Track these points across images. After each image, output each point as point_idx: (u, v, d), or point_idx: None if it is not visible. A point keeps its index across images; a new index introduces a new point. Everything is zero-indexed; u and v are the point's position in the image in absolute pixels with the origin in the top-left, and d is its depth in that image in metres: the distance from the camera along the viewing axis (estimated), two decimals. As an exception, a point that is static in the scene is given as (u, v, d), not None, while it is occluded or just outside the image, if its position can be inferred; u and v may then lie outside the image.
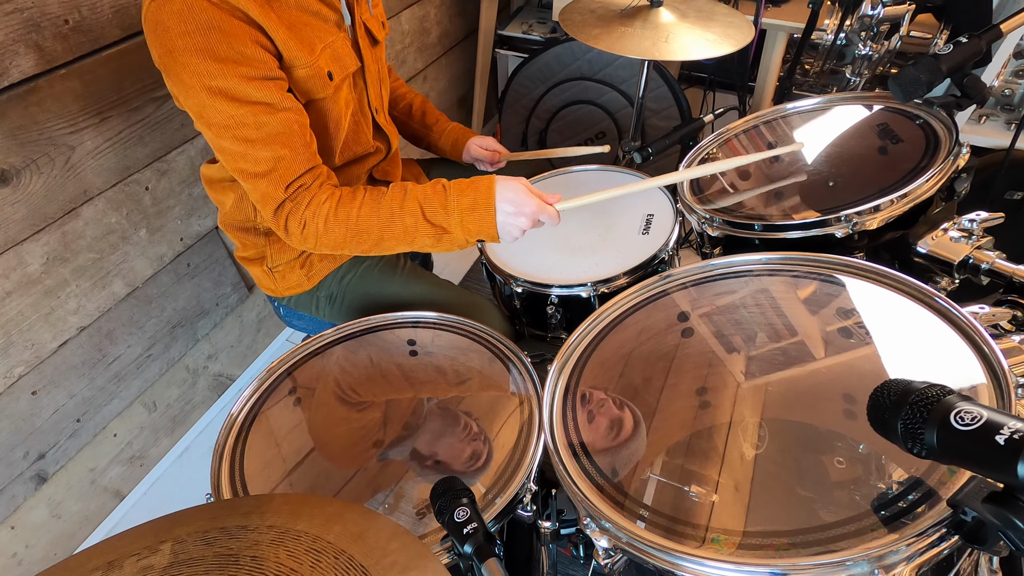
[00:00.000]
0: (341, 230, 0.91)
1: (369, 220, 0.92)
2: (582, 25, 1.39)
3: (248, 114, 0.83)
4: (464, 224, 0.91)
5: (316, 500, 0.55)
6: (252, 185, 0.90)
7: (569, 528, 0.80)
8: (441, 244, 0.94)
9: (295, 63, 0.87)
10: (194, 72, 0.79)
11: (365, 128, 1.07)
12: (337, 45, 0.93)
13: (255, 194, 0.91)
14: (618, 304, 0.89)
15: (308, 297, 1.18)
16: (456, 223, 0.91)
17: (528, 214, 0.91)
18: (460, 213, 0.90)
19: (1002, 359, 0.62)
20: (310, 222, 0.91)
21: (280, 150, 0.86)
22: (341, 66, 0.94)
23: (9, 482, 1.26)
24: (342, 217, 0.91)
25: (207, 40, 0.78)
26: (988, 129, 1.75)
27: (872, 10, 1.58)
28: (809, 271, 0.84)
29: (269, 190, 0.89)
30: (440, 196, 0.91)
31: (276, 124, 0.85)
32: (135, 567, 0.49)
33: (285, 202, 0.90)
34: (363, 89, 1.04)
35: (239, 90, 0.81)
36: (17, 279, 1.15)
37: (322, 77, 0.91)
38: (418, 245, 0.94)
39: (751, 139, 1.21)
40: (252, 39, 0.81)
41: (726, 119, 1.43)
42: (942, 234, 0.91)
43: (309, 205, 0.90)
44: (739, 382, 0.72)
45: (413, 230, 0.92)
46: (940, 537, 0.51)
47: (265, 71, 0.83)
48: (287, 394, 0.92)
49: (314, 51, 0.89)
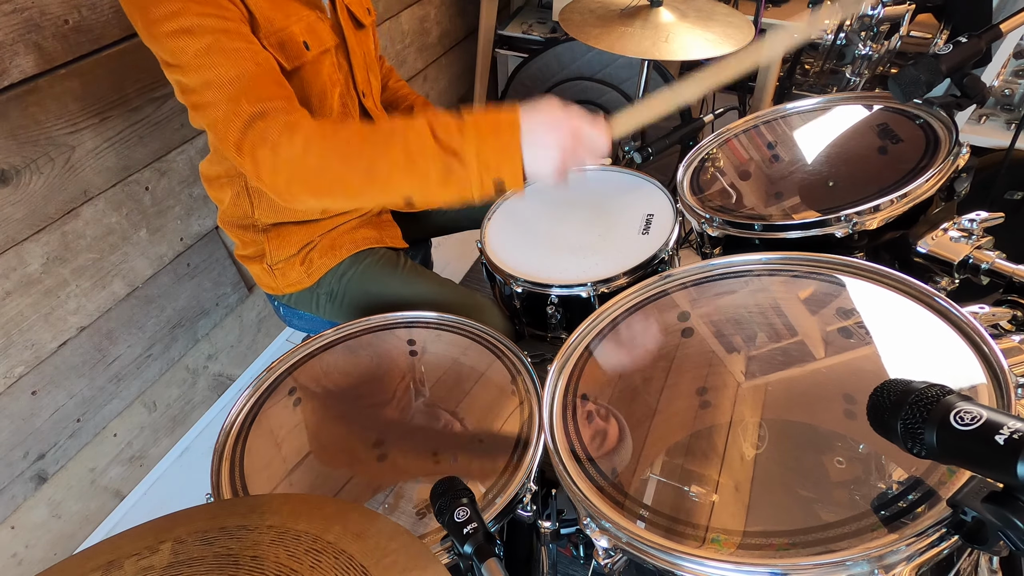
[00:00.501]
0: (323, 151, 0.78)
1: (361, 141, 0.78)
2: (582, 25, 1.39)
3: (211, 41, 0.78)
4: (481, 152, 0.75)
5: (316, 500, 0.55)
6: (215, 113, 0.80)
7: (569, 528, 0.80)
8: (450, 181, 0.77)
9: (267, 28, 0.87)
10: (156, 18, 0.77)
11: (352, 110, 1.07)
12: (312, 20, 0.94)
13: (218, 124, 0.80)
14: (618, 304, 0.89)
15: (308, 295, 1.18)
16: (471, 149, 0.75)
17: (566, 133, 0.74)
18: (479, 136, 0.75)
19: (1002, 359, 0.62)
20: (285, 144, 0.77)
21: (246, 65, 0.80)
22: (318, 40, 0.94)
23: (9, 482, 1.26)
24: (328, 135, 0.78)
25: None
26: (988, 129, 1.75)
27: (872, 10, 1.58)
28: (809, 271, 0.84)
29: (233, 107, 0.78)
30: (455, 119, 0.78)
31: (242, 48, 0.81)
32: (135, 567, 0.49)
33: (254, 120, 0.78)
34: (348, 71, 1.04)
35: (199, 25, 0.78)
36: (17, 279, 1.15)
37: (296, 43, 0.91)
38: (420, 178, 0.77)
39: (751, 139, 1.21)
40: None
41: (726, 119, 1.43)
42: (942, 234, 0.90)
43: (286, 124, 0.78)
44: (739, 382, 0.72)
45: (417, 152, 0.76)
46: (940, 537, 0.51)
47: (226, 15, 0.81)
48: (287, 394, 0.92)
49: (289, 18, 0.90)
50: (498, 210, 1.25)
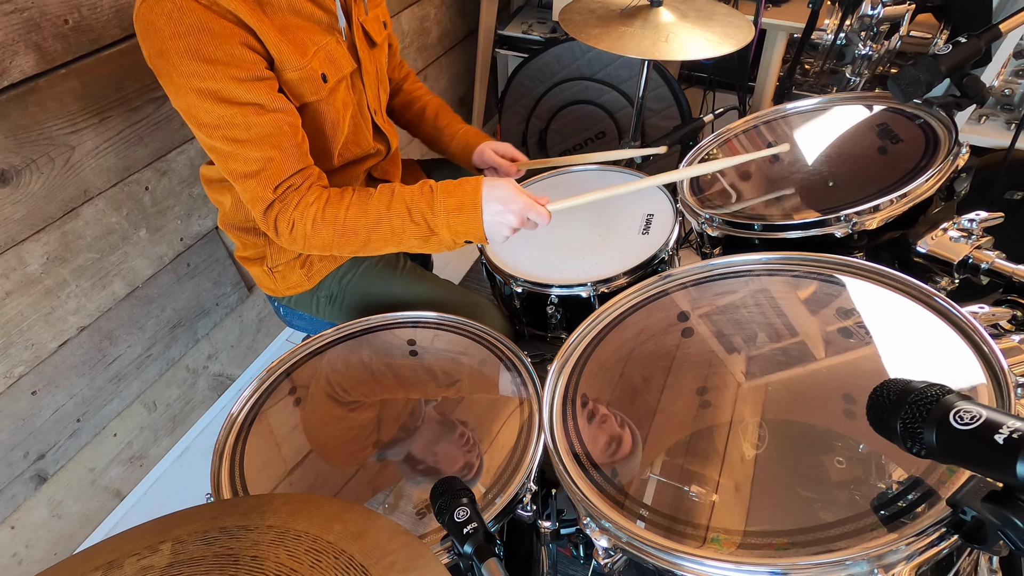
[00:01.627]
0: (329, 231, 0.92)
1: (357, 221, 0.92)
2: (582, 25, 1.39)
3: (237, 115, 0.83)
4: (451, 225, 0.91)
5: (316, 500, 0.55)
6: (242, 186, 0.90)
7: (569, 528, 0.80)
8: (429, 245, 0.94)
9: (287, 66, 0.87)
10: (183, 73, 0.80)
11: (365, 130, 1.07)
12: (331, 47, 0.93)
13: (245, 194, 0.91)
14: (618, 304, 0.89)
15: (308, 297, 1.18)
16: (443, 224, 0.91)
17: (516, 211, 0.90)
18: (447, 214, 0.90)
19: (1002, 359, 0.62)
20: (298, 223, 0.91)
21: (270, 151, 0.86)
22: (336, 68, 0.94)
23: (9, 482, 1.26)
24: (329, 219, 0.91)
25: (196, 41, 0.78)
26: (988, 129, 1.75)
27: (872, 10, 1.58)
28: (809, 271, 0.84)
29: (258, 191, 0.89)
30: (427, 197, 0.91)
31: (266, 125, 0.85)
32: (135, 567, 0.49)
33: (274, 203, 0.90)
34: (361, 91, 1.03)
35: (228, 91, 0.81)
36: (17, 279, 1.15)
37: (315, 80, 0.91)
38: (406, 246, 0.95)
39: (751, 139, 1.21)
40: (241, 41, 0.81)
41: (726, 119, 1.43)
42: (942, 234, 0.91)
43: (298, 206, 0.90)
44: (739, 382, 0.72)
45: (400, 231, 0.92)
46: (940, 536, 0.51)
47: (255, 72, 0.83)
48: (287, 394, 0.92)
49: (307, 53, 0.88)
50: (498, 210, 1.24)
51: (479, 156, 1.26)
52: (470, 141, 1.27)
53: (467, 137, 1.28)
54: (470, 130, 1.29)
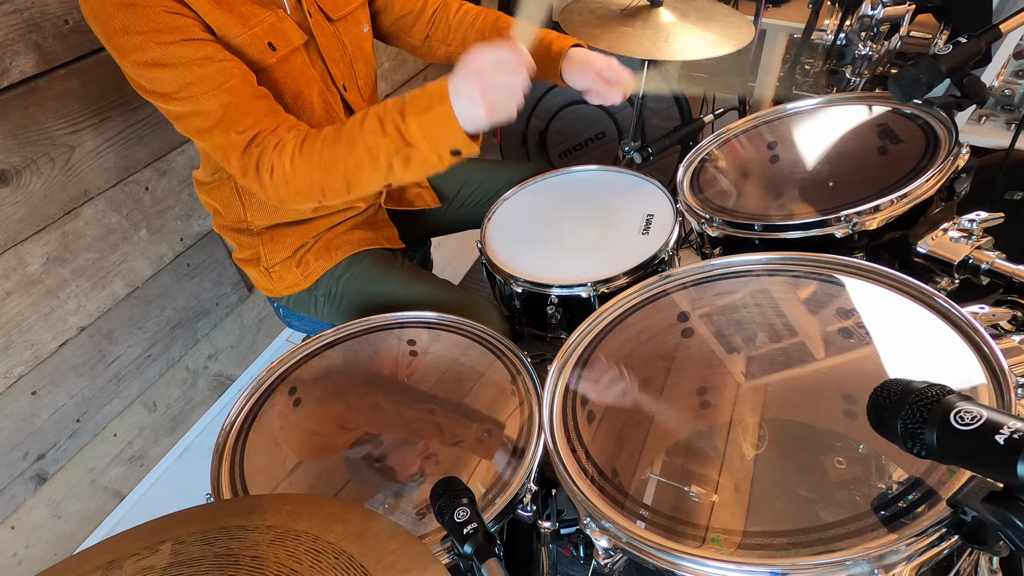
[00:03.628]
0: (308, 167, 0.87)
1: (333, 150, 0.87)
2: (582, 25, 1.39)
3: (185, 72, 0.83)
4: (424, 129, 0.82)
5: (316, 500, 0.55)
6: (210, 142, 0.88)
7: (569, 528, 0.80)
8: (411, 164, 0.85)
9: (227, 33, 0.87)
10: (124, 51, 0.81)
11: (335, 107, 1.05)
12: (274, 20, 0.92)
13: (217, 151, 0.89)
14: (618, 304, 0.89)
15: (306, 297, 1.18)
16: (416, 130, 0.82)
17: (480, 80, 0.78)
18: (417, 117, 0.82)
19: (1002, 359, 0.62)
20: (277, 165, 0.87)
21: (224, 96, 0.85)
22: (284, 39, 0.93)
23: (9, 482, 1.26)
24: (307, 152, 0.87)
25: (124, 18, 0.79)
26: (988, 129, 1.75)
27: (872, 10, 1.57)
28: (809, 271, 0.84)
29: (225, 138, 0.87)
30: (397, 105, 0.85)
31: (215, 74, 0.84)
32: (135, 567, 0.49)
33: (249, 147, 0.87)
34: (323, 67, 1.02)
35: (166, 56, 0.82)
36: (17, 279, 1.15)
37: (260, 45, 0.90)
38: (385, 168, 0.86)
39: (751, 139, 1.21)
40: (165, 8, 0.81)
41: (726, 119, 1.43)
42: (942, 234, 0.90)
43: (276, 148, 0.87)
44: (739, 382, 0.72)
45: (376, 149, 0.84)
46: (940, 537, 0.51)
47: (187, 34, 0.83)
48: (287, 394, 0.92)
49: (247, 23, 0.88)
50: (498, 210, 1.25)
51: (579, 74, 1.08)
52: (551, 51, 1.08)
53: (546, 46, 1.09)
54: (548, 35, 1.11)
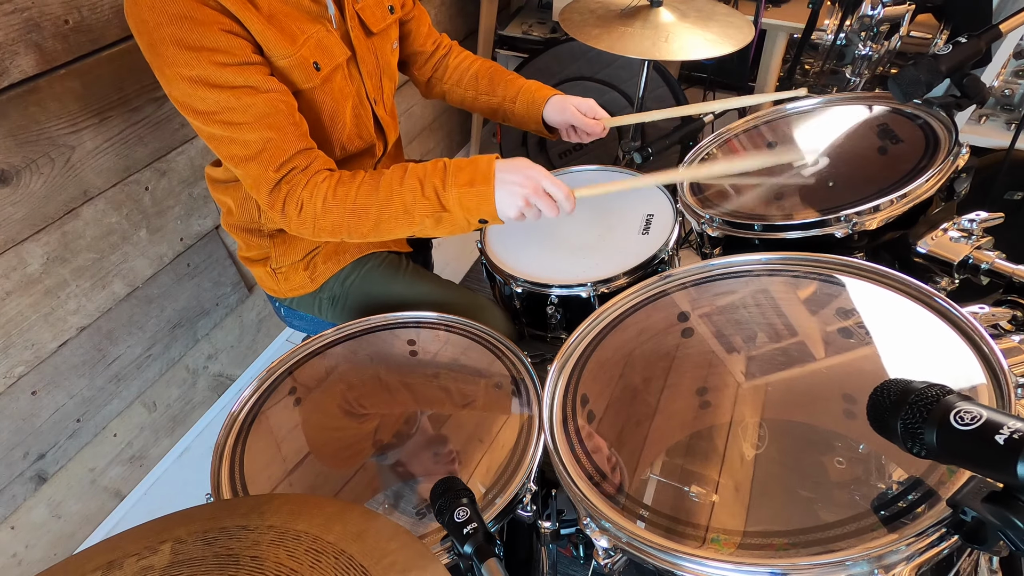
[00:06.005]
0: (339, 211, 0.90)
1: (368, 199, 0.90)
2: (582, 25, 1.39)
3: (230, 98, 0.83)
4: (462, 200, 0.88)
5: (316, 500, 0.55)
6: (244, 170, 0.89)
7: (569, 528, 0.80)
8: (441, 225, 0.92)
9: (275, 53, 0.86)
10: (171, 63, 0.80)
11: (366, 120, 1.06)
12: (321, 35, 0.92)
13: (248, 179, 0.90)
14: (618, 304, 0.89)
15: (310, 298, 1.18)
16: (454, 199, 0.88)
17: (531, 184, 0.88)
18: (458, 188, 0.88)
19: (1002, 359, 0.62)
20: (307, 203, 0.89)
21: (267, 132, 0.86)
22: (329, 56, 0.93)
23: (9, 482, 1.26)
24: (340, 196, 0.89)
25: (179, 30, 0.79)
26: (988, 129, 1.76)
27: (872, 10, 1.57)
28: (809, 271, 0.84)
29: (260, 172, 0.88)
30: (440, 172, 0.89)
31: (260, 105, 0.85)
32: (135, 567, 0.49)
33: (280, 183, 0.89)
34: (359, 80, 1.02)
35: (217, 77, 0.81)
36: (17, 279, 1.15)
37: (307, 67, 0.90)
38: (418, 225, 0.92)
39: (751, 139, 1.21)
40: (223, 28, 0.81)
41: (726, 119, 1.43)
42: (942, 234, 0.90)
43: (306, 186, 0.89)
44: (739, 382, 0.72)
45: (412, 207, 0.89)
46: (940, 537, 0.51)
47: (241, 57, 0.83)
48: (287, 394, 0.92)
49: (296, 41, 0.88)
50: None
51: (558, 111, 1.17)
52: (535, 96, 1.17)
53: (531, 93, 1.18)
54: (531, 84, 1.20)
